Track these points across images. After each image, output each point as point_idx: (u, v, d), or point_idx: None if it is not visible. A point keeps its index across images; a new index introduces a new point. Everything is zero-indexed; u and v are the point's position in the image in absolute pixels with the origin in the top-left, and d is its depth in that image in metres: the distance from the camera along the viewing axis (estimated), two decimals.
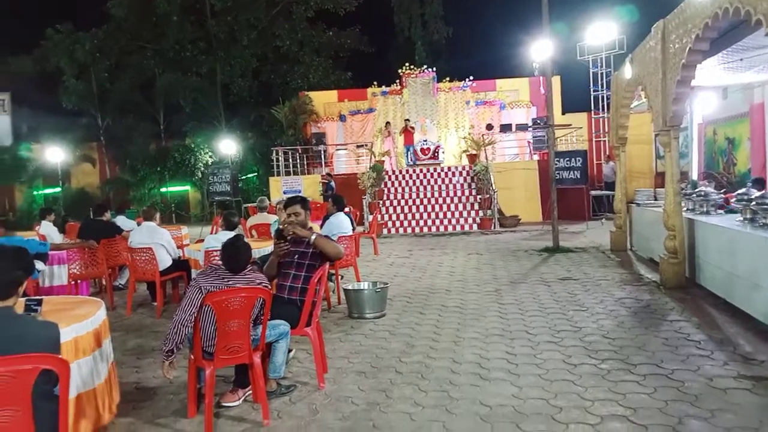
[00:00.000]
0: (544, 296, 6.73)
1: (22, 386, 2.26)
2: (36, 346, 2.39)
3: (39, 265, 6.61)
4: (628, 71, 8.78)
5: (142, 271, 6.97)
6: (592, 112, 19.38)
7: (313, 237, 4.36)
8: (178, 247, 8.00)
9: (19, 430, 2.28)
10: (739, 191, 6.29)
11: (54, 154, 21.12)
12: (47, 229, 8.92)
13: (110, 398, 3.60)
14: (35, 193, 24.06)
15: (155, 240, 6.99)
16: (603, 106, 18.74)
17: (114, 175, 24.74)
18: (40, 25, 24.30)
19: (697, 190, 7.57)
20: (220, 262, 3.88)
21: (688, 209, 7.45)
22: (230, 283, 3.68)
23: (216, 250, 6.09)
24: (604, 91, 18.49)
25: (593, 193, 16.49)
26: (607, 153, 18.41)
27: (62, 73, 24.44)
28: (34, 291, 6.76)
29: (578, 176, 14.56)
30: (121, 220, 9.62)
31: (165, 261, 7.02)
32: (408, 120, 19.52)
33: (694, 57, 6.17)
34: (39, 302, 3.09)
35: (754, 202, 5.59)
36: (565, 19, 20.78)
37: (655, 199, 9.66)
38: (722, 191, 8.02)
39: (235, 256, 3.75)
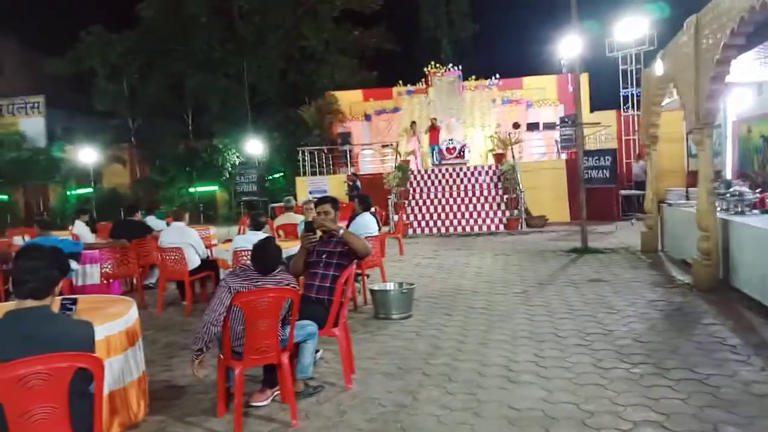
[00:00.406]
0: (572, 298, 6.64)
1: (59, 384, 2.31)
2: (72, 344, 2.44)
3: (73, 264, 6.77)
4: (659, 68, 8.60)
5: (171, 271, 7.08)
6: (622, 110, 19.05)
7: (342, 231, 4.42)
8: (206, 247, 8.10)
9: (57, 426, 2.33)
10: None
11: (86, 154, 21.62)
12: (80, 228, 9.13)
13: (143, 396, 3.66)
14: (68, 193, 24.65)
15: (184, 240, 7.09)
16: (633, 103, 18.41)
17: (144, 176, 25.21)
18: (73, 28, 24.90)
19: (731, 189, 7.38)
20: (249, 263, 3.92)
21: (721, 209, 7.26)
22: (259, 283, 3.71)
23: (244, 250, 6.16)
24: (634, 89, 18.16)
25: (623, 192, 16.20)
26: (637, 151, 18.08)
27: (95, 75, 24.99)
28: (68, 290, 6.92)
29: (607, 175, 14.34)
30: (152, 220, 9.78)
31: (194, 261, 7.12)
32: (435, 118, 19.44)
33: (728, 52, 6.01)
34: (74, 301, 3.16)
35: None
36: (594, 14, 20.44)
37: (688, 199, 9.46)
38: (757, 190, 7.79)
39: (265, 258, 3.79)
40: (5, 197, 24.37)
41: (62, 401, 2.33)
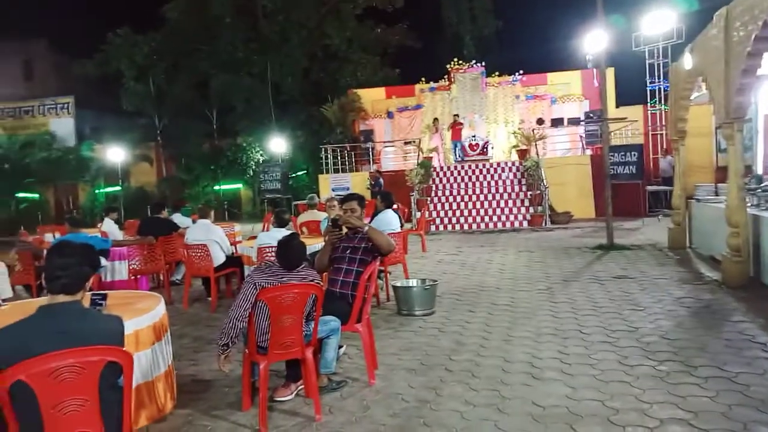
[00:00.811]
0: (598, 295, 6.56)
1: (90, 377, 2.36)
2: (102, 338, 2.50)
3: (102, 260, 6.90)
4: (687, 62, 8.44)
5: (197, 267, 7.19)
6: (648, 105, 18.72)
7: (367, 228, 4.48)
8: (231, 244, 8.20)
9: (89, 418, 2.39)
10: None
11: (114, 153, 22.05)
12: (109, 226, 9.31)
13: (170, 390, 3.73)
14: (97, 191, 25.17)
15: (210, 237, 7.20)
16: (660, 98, 18.07)
17: (170, 174, 25.60)
18: (100, 30, 25.40)
19: (762, 185, 7.23)
20: (273, 259, 3.96)
21: (752, 205, 7.11)
22: (284, 279, 3.75)
23: (269, 247, 6.22)
24: (661, 83, 17.82)
25: (649, 188, 15.92)
26: (665, 147, 17.75)
27: (122, 76, 25.45)
28: (98, 285, 7.07)
29: (634, 171, 14.10)
30: (178, 218, 9.94)
31: (219, 257, 7.22)
32: (457, 115, 19.36)
33: (760, 45, 5.88)
34: (104, 297, 3.23)
35: None
36: (620, 8, 20.10)
37: (717, 195, 9.27)
38: None
39: (290, 254, 3.82)
40: (36, 196, 25.00)
41: (93, 394, 2.39)
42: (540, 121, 18.83)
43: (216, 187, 25.09)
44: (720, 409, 3.44)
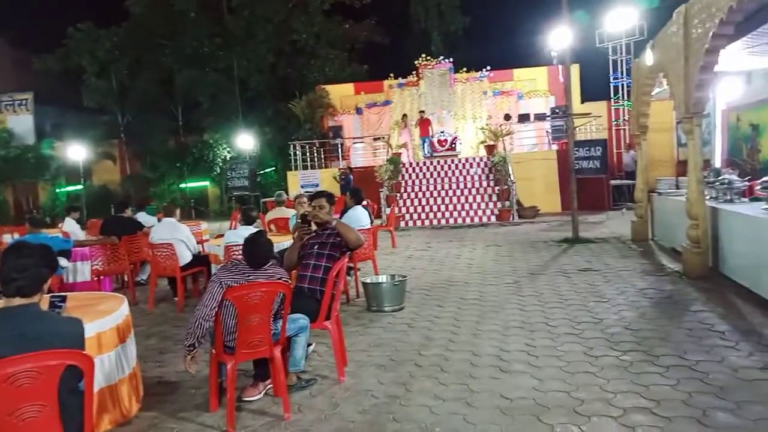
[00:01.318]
0: (564, 288, 6.67)
1: (48, 382, 2.30)
2: (61, 341, 2.43)
3: (62, 261, 6.72)
4: (649, 58, 8.63)
5: (163, 267, 7.05)
6: (612, 101, 19.10)
7: (335, 222, 4.49)
8: (198, 243, 8.08)
9: (47, 424, 2.32)
10: (764, 178, 6.16)
11: (76, 151, 21.46)
12: (71, 226, 9.07)
13: (135, 393, 3.66)
14: (58, 190, 24.48)
15: (175, 236, 7.07)
16: (623, 94, 18.46)
17: (134, 172, 25.06)
18: (62, 24, 24.66)
19: (720, 177, 7.43)
20: (240, 257, 3.91)
21: (711, 197, 7.31)
22: (251, 278, 3.70)
23: (236, 245, 6.15)
24: (624, 79, 18.21)
25: (613, 182, 16.28)
26: (628, 141, 18.15)
27: (84, 72, 24.77)
28: (58, 287, 6.89)
29: (598, 166, 14.40)
30: (142, 217, 9.73)
31: (185, 256, 7.10)
32: (423, 111, 19.42)
33: (717, 42, 6.04)
34: (63, 299, 3.15)
35: None
36: (584, 5, 20.44)
37: (677, 188, 9.50)
38: (746, 179, 7.85)
39: (256, 252, 3.78)
40: None
41: (52, 399, 2.33)
42: (507, 117, 19.04)
43: (182, 185, 24.67)
44: (681, 396, 3.54)
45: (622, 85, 18.42)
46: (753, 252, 5.63)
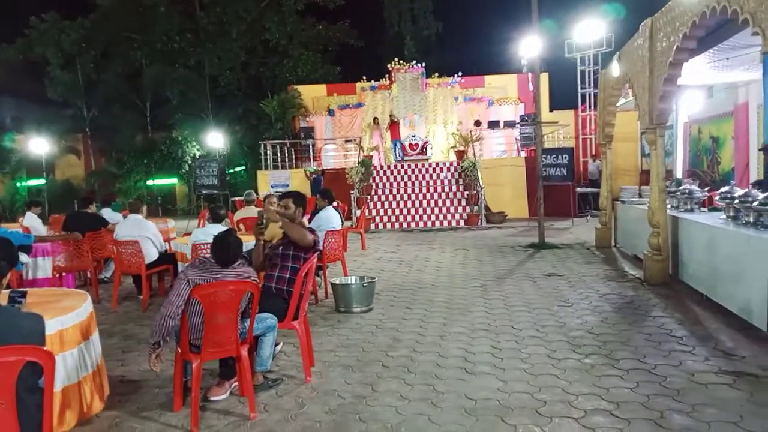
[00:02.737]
0: (529, 292, 6.79)
1: (6, 378, 2.24)
2: (20, 337, 2.38)
3: (23, 257, 6.54)
4: (615, 69, 8.85)
5: (127, 264, 6.91)
6: (580, 110, 19.50)
7: (281, 223, 4.40)
8: (165, 240, 7.95)
9: (4, 423, 2.26)
10: (723, 189, 6.38)
11: (38, 145, 20.87)
12: (32, 221, 8.82)
13: (99, 391, 3.58)
14: (18, 184, 23.76)
15: (141, 233, 6.94)
16: (590, 103, 18.85)
17: (100, 167, 24.50)
18: (24, 14, 23.95)
19: (681, 187, 7.66)
20: (208, 255, 3.87)
21: (672, 207, 7.53)
22: (218, 276, 3.67)
23: (204, 244, 6.07)
24: (592, 89, 18.60)
25: (579, 190, 16.61)
26: (593, 150, 18.53)
27: (47, 63, 24.10)
28: (18, 283, 6.70)
29: (565, 173, 14.66)
30: (107, 213, 9.53)
31: (151, 254, 6.98)
32: (393, 114, 19.50)
33: (681, 55, 6.23)
34: (23, 294, 3.07)
35: (736, 200, 5.67)
36: (554, 16, 20.88)
37: (640, 197, 9.75)
38: (706, 189, 8.12)
39: (225, 249, 3.74)
40: None
41: (9, 396, 2.27)
42: (477, 123, 19.27)
43: (149, 182, 24.21)
44: (640, 399, 3.64)
45: (590, 94, 18.81)
46: (711, 260, 5.82)
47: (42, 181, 22.62)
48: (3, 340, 2.31)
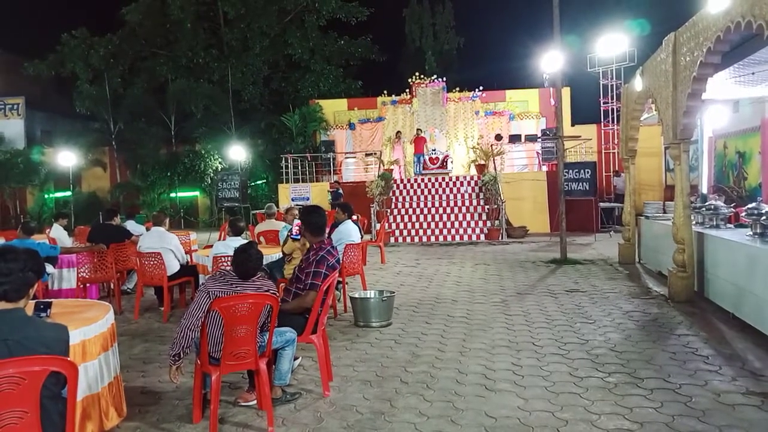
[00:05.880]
0: (551, 308, 6.70)
1: (31, 388, 2.28)
2: (45, 347, 2.41)
3: (49, 268, 6.67)
4: (638, 84, 8.77)
5: (150, 276, 7.00)
6: (602, 124, 19.33)
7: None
8: (186, 253, 8.04)
9: (28, 431, 2.29)
10: (750, 205, 6.25)
11: (66, 158, 21.33)
12: (58, 232, 9.00)
13: (117, 402, 3.61)
14: (46, 196, 24.27)
15: (164, 245, 7.03)
16: (613, 118, 18.69)
17: (124, 180, 24.93)
18: (56, 30, 24.62)
19: (706, 203, 7.53)
20: (229, 268, 3.90)
21: (697, 223, 7.40)
22: (238, 289, 3.69)
23: (225, 256, 6.13)
24: (614, 103, 18.45)
25: (602, 205, 16.42)
26: (616, 165, 18.33)
27: (77, 78, 24.70)
28: (43, 294, 6.81)
29: (587, 188, 14.51)
30: (131, 225, 9.67)
31: (173, 266, 7.06)
32: (420, 129, 19.62)
33: (705, 70, 6.16)
34: (48, 305, 3.12)
35: (764, 217, 5.55)
36: (576, 30, 20.83)
37: (665, 212, 9.61)
38: (732, 205, 7.98)
39: (246, 262, 3.76)
40: None
41: (34, 406, 2.30)
42: (498, 137, 19.22)
43: (172, 195, 24.54)
44: (664, 419, 3.56)
45: (612, 109, 18.65)
46: (737, 277, 5.70)
47: (68, 193, 23.06)
48: (29, 350, 2.35)
